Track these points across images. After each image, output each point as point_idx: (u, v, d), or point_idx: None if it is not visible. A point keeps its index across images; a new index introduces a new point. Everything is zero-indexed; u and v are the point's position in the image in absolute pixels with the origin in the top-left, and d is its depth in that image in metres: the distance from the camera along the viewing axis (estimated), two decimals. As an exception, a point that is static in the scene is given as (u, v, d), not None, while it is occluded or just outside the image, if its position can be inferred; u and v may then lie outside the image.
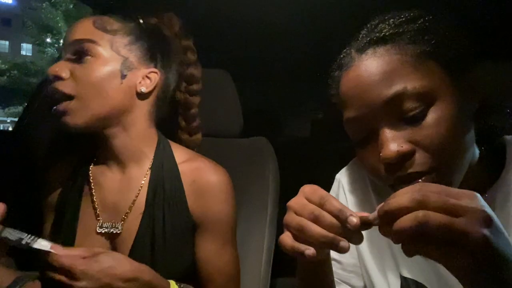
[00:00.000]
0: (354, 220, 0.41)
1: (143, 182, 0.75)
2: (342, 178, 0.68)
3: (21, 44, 21.63)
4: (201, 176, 0.75)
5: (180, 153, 0.79)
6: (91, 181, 0.76)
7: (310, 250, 0.42)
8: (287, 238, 0.44)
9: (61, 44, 13.72)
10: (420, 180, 0.46)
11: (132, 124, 0.74)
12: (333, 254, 0.62)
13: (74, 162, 0.81)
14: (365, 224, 0.41)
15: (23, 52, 21.56)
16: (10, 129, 9.15)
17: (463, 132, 0.48)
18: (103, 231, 0.72)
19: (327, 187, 0.70)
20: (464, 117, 0.48)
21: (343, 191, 0.67)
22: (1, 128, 15.62)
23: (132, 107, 0.73)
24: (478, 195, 0.36)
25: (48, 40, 14.70)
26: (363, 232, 0.62)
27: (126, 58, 0.71)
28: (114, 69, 0.70)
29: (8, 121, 17.86)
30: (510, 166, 0.51)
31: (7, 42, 22.11)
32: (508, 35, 1.12)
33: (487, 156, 0.53)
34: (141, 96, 0.74)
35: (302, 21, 1.23)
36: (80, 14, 12.56)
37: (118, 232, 0.72)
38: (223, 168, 0.78)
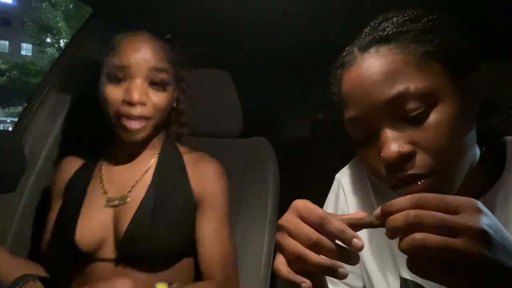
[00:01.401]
0: (358, 243, 0.39)
1: (151, 163, 0.85)
2: (342, 178, 0.68)
3: (21, 44, 21.63)
4: (201, 162, 0.87)
5: (183, 148, 0.92)
6: (102, 167, 0.85)
7: (306, 284, 0.41)
8: (282, 266, 0.42)
9: (61, 44, 13.73)
10: (419, 183, 0.46)
11: (159, 129, 0.87)
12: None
13: (85, 154, 0.89)
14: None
15: (23, 52, 21.56)
16: (10, 129, 9.14)
17: (465, 134, 0.48)
18: (110, 204, 0.79)
19: (327, 187, 0.70)
20: (466, 118, 0.48)
21: (342, 191, 0.67)
22: (1, 128, 15.62)
23: (165, 119, 0.88)
24: (479, 206, 0.35)
25: (48, 40, 14.65)
26: (363, 233, 0.62)
27: (177, 87, 0.87)
28: (173, 96, 0.85)
29: (8, 121, 17.86)
30: (510, 167, 0.51)
31: (7, 42, 22.11)
32: (510, 35, 1.12)
33: (488, 157, 0.53)
34: None
35: (303, 21, 1.23)
36: (80, 14, 12.56)
37: (125, 203, 0.78)
38: (219, 162, 0.90)
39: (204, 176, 0.84)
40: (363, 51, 0.51)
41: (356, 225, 0.41)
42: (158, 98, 0.79)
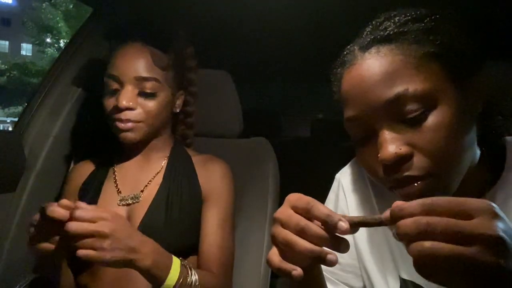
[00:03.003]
0: (344, 225, 0.40)
1: (162, 164, 0.89)
2: (342, 178, 0.68)
3: (21, 44, 21.62)
4: (209, 163, 0.91)
5: (191, 151, 0.96)
6: (115, 169, 0.89)
7: (297, 271, 0.41)
8: (274, 256, 0.43)
9: (61, 44, 13.73)
10: (416, 184, 0.46)
11: (162, 132, 0.91)
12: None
13: (97, 158, 0.93)
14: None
15: (23, 52, 21.55)
16: (10, 129, 9.14)
17: (464, 136, 0.47)
18: (123, 203, 0.82)
19: (327, 187, 0.70)
20: (466, 121, 0.48)
21: (342, 191, 0.67)
22: (1, 128, 15.62)
23: (168, 122, 0.91)
24: (496, 209, 0.34)
25: (48, 40, 14.65)
26: (363, 233, 0.62)
27: (173, 90, 0.88)
28: (168, 100, 0.87)
29: (8, 121, 17.84)
30: (510, 167, 0.51)
31: (7, 42, 22.11)
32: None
33: (488, 157, 0.53)
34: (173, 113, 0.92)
35: (302, 21, 1.23)
36: (80, 14, 12.56)
37: (137, 202, 0.82)
38: (226, 163, 0.93)
39: (212, 175, 0.89)
40: (363, 51, 0.50)
41: (358, 223, 0.41)
42: (148, 104, 0.82)
